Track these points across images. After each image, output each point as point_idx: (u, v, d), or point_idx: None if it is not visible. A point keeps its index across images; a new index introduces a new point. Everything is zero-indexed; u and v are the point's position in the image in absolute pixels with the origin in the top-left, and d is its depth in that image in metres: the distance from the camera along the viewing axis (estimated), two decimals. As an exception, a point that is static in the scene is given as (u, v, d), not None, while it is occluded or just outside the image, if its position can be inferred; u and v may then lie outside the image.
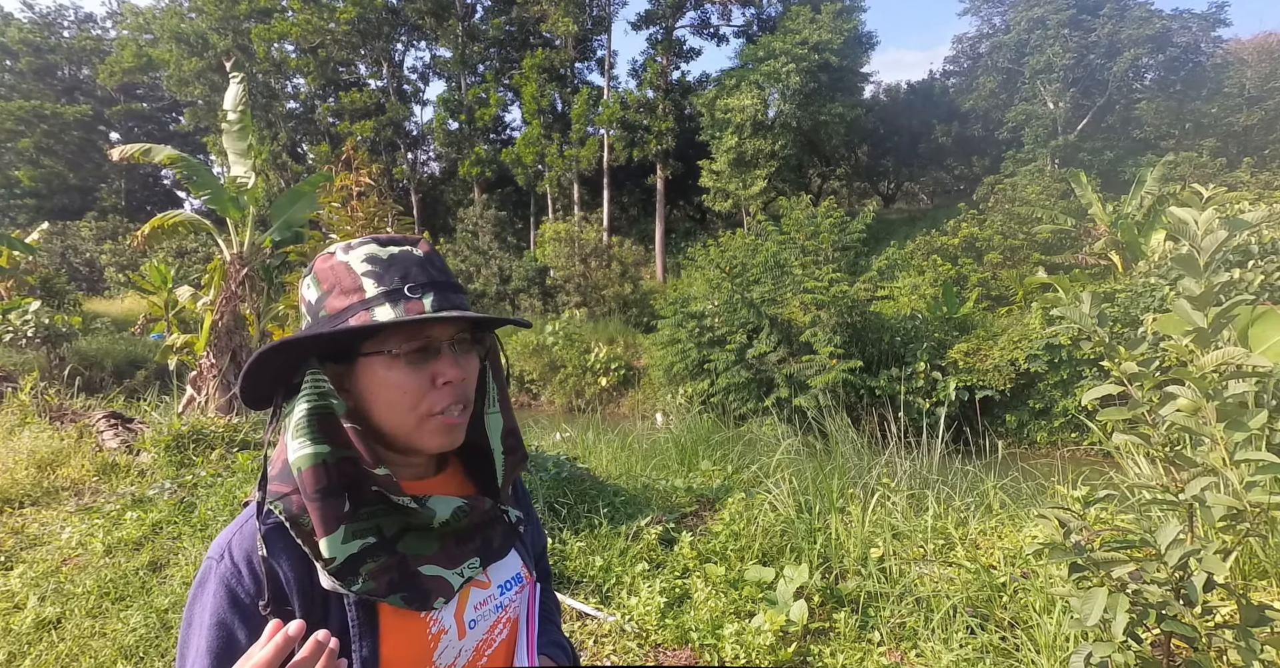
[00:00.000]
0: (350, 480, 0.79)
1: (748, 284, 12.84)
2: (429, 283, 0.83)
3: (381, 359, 0.82)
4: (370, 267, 0.83)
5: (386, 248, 0.85)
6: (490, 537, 0.92)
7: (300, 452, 0.77)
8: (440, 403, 0.83)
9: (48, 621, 3.17)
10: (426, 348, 0.83)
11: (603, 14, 28.61)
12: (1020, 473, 4.36)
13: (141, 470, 5.41)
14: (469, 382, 0.86)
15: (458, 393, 0.84)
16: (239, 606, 0.76)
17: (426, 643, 0.82)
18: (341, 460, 0.79)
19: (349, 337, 0.82)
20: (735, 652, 2.68)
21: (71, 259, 26.71)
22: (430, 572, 0.82)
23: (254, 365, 0.80)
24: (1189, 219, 1.66)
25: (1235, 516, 1.59)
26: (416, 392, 0.82)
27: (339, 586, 0.76)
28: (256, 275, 7.62)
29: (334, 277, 0.83)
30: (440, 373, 0.82)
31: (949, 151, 29.93)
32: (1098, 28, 23.01)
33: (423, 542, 0.84)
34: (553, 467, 4.28)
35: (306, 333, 0.80)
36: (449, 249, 23.95)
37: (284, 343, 0.79)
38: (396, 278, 0.82)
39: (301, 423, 0.78)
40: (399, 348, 0.81)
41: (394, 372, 0.82)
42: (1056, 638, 2.41)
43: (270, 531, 0.78)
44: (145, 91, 39.25)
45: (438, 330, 0.84)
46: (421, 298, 0.81)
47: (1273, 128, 22.98)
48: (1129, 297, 10.18)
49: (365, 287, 0.81)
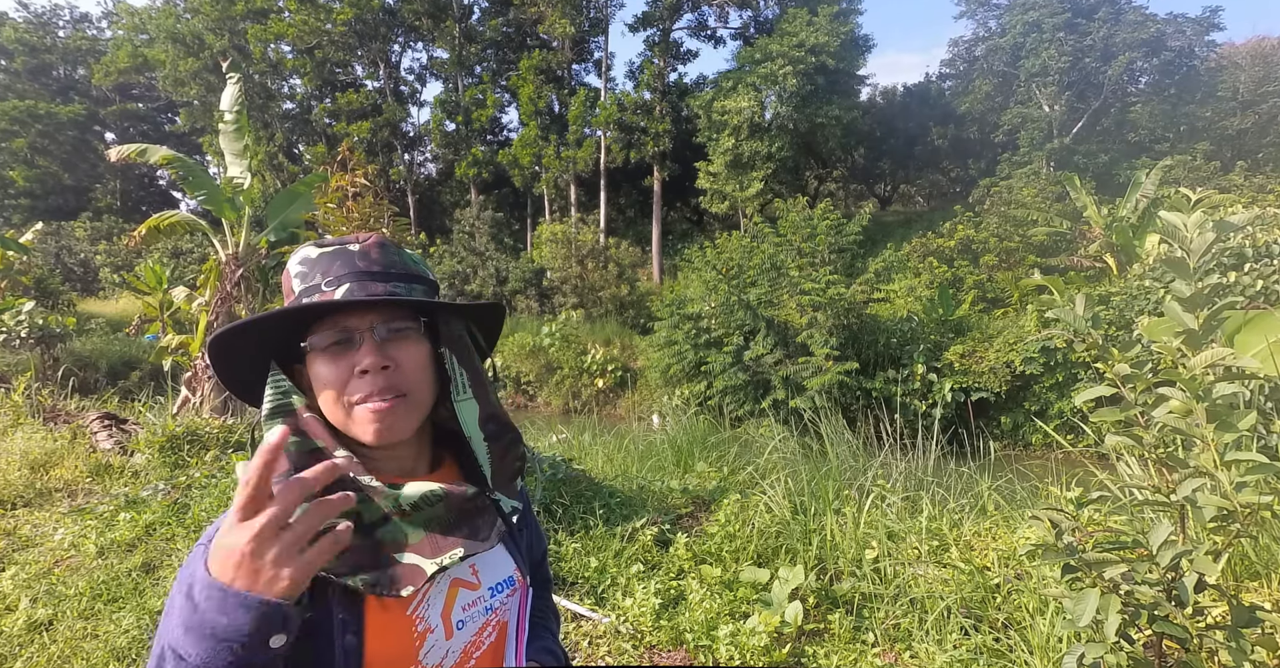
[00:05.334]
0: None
1: (744, 286, 12.84)
2: (350, 274, 0.84)
3: (313, 355, 0.84)
4: (300, 268, 0.86)
5: (323, 248, 0.87)
6: (477, 526, 0.89)
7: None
8: (358, 392, 0.82)
9: (39, 622, 3.15)
10: (346, 339, 0.83)
11: (600, 16, 28.65)
12: (1015, 475, 4.36)
13: (135, 472, 5.39)
14: (400, 370, 0.84)
15: (376, 382, 0.82)
16: None
17: (411, 640, 0.82)
18: (314, 451, 0.81)
19: (291, 336, 0.85)
20: (730, 653, 2.68)
21: (66, 259, 26.54)
22: (406, 560, 0.81)
23: (217, 365, 0.85)
24: (1178, 222, 1.68)
25: (1226, 516, 1.60)
26: (338, 382, 0.82)
27: None
28: (252, 276, 7.60)
29: (285, 282, 0.89)
30: (357, 362, 0.82)
31: (945, 154, 30.08)
32: (1093, 31, 23.14)
33: (406, 530, 0.83)
34: (549, 468, 4.27)
35: (222, 330, 0.84)
36: (445, 250, 23.87)
37: (217, 338, 0.83)
38: (318, 274, 0.84)
39: (266, 419, 0.83)
40: (319, 341, 0.83)
41: (320, 365, 0.83)
42: (1049, 639, 2.42)
43: None
44: (140, 92, 39.13)
45: (354, 320, 0.83)
46: (335, 290, 0.83)
47: (1266, 131, 23.15)
48: (1124, 299, 10.23)
49: (295, 287, 0.86)
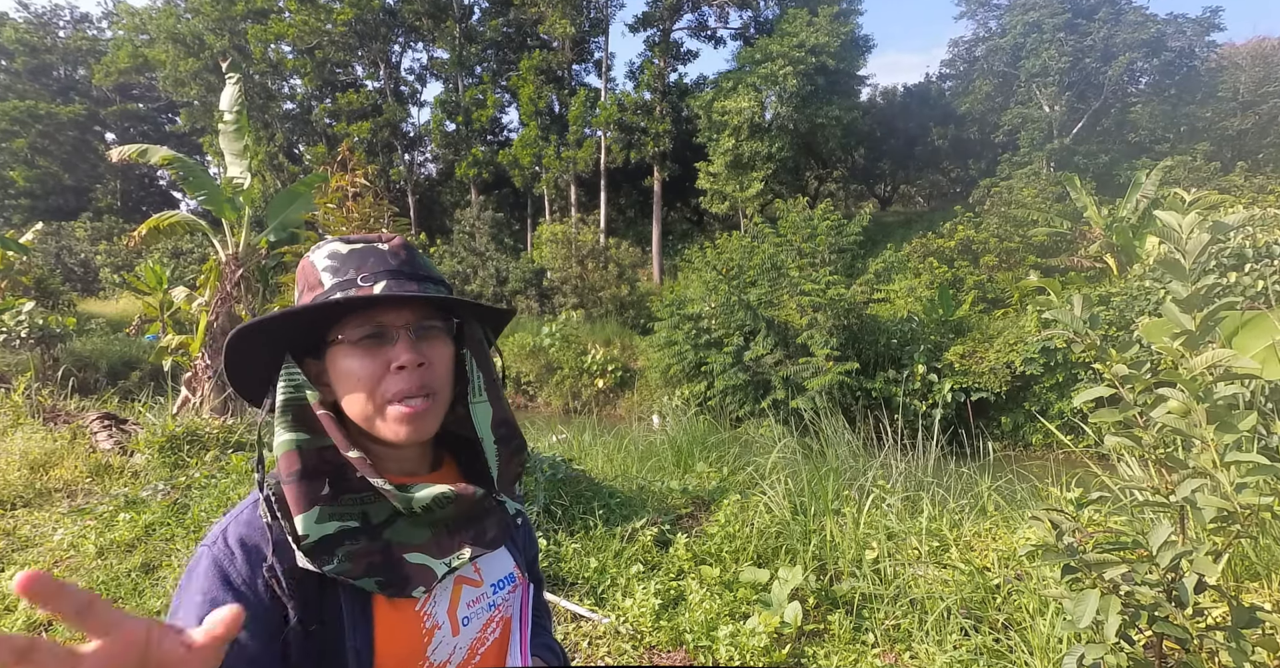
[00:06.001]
0: (334, 468, 0.81)
1: (744, 286, 12.84)
2: (385, 271, 0.83)
3: (341, 348, 0.82)
4: (330, 262, 0.84)
5: (351, 245, 0.86)
6: (484, 528, 0.90)
7: (278, 439, 0.80)
8: (393, 389, 0.81)
9: (38, 623, 3.15)
10: (380, 334, 0.82)
11: (600, 16, 28.63)
12: (1014, 475, 4.37)
13: (135, 472, 5.39)
14: (432, 369, 0.84)
15: (414, 379, 0.81)
16: (230, 585, 0.76)
17: (420, 637, 0.82)
18: (323, 449, 0.81)
19: (310, 326, 0.83)
20: (730, 654, 2.67)
21: (66, 260, 26.52)
22: (415, 560, 0.81)
23: (230, 356, 0.84)
24: (1174, 223, 1.68)
25: (1226, 517, 1.60)
26: (371, 378, 0.81)
27: (311, 564, 0.76)
28: (252, 276, 7.60)
29: (303, 276, 0.87)
30: (394, 358, 0.81)
31: (945, 154, 30.05)
32: (1093, 32, 23.12)
33: (413, 530, 0.83)
34: (549, 468, 4.27)
35: (255, 320, 0.82)
36: (445, 250, 23.87)
37: (245, 328, 0.81)
38: (352, 269, 0.83)
39: (278, 414, 0.81)
40: (351, 335, 0.81)
41: (350, 359, 0.82)
42: (1049, 640, 2.42)
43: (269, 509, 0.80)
44: (141, 92, 39.12)
45: (391, 316, 0.82)
46: (373, 285, 0.81)
47: (1266, 132, 23.13)
48: (1124, 300, 10.23)
49: (324, 281, 0.83)
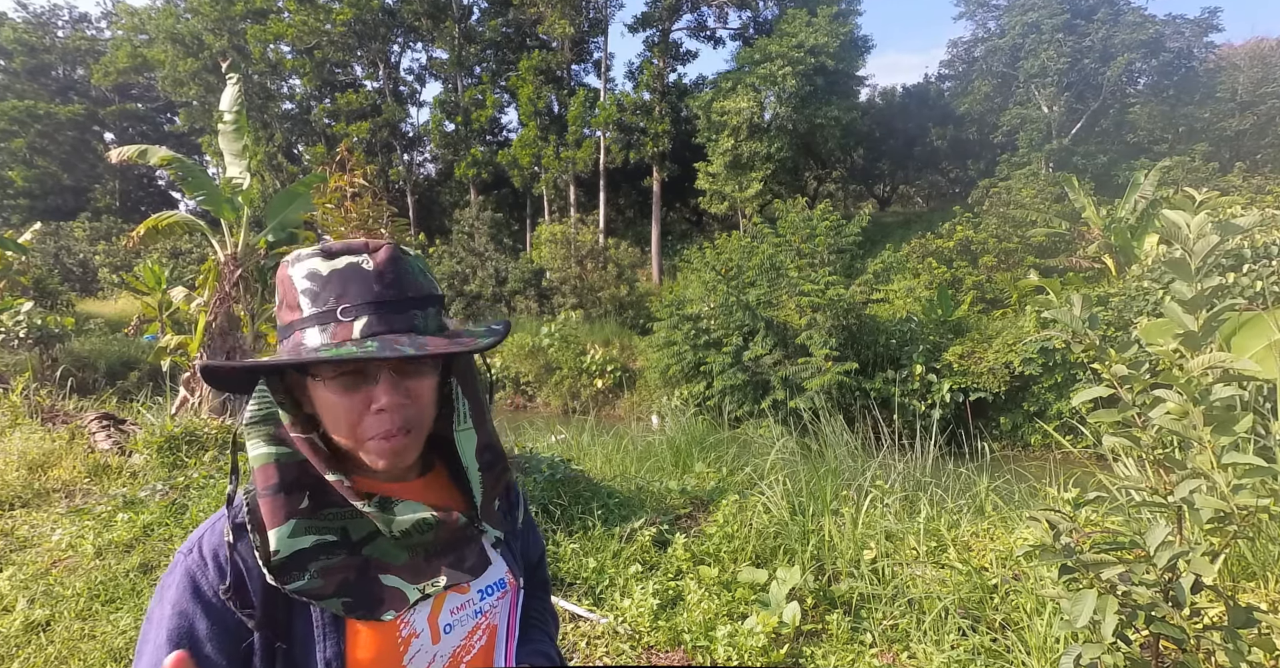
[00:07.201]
0: (315, 481, 0.80)
1: (744, 286, 12.84)
2: (366, 303, 0.78)
3: (320, 382, 0.79)
4: (308, 284, 0.80)
5: (331, 261, 0.80)
6: (463, 555, 0.88)
7: (254, 451, 0.80)
8: (374, 429, 0.79)
9: (36, 623, 3.15)
10: (360, 372, 0.79)
11: (599, 16, 28.63)
12: (1013, 475, 4.37)
13: (133, 472, 5.38)
14: (413, 406, 0.81)
15: (395, 420, 0.79)
16: (201, 597, 0.76)
17: (396, 646, 0.80)
18: (304, 462, 0.80)
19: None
20: (728, 654, 2.67)
21: (65, 260, 26.51)
22: (390, 582, 0.80)
23: (207, 380, 0.84)
24: (1181, 223, 1.67)
25: (1223, 518, 1.60)
26: (350, 416, 0.79)
27: (276, 582, 0.75)
28: (251, 276, 7.59)
29: (282, 288, 0.83)
30: (374, 399, 0.78)
31: (944, 155, 30.08)
32: (1091, 32, 23.15)
33: (393, 549, 0.82)
34: (547, 468, 4.27)
35: (226, 367, 0.81)
36: (445, 250, 23.87)
37: (215, 368, 0.81)
38: (332, 298, 0.78)
39: (252, 428, 0.81)
40: (330, 373, 0.78)
41: (330, 395, 0.79)
42: (1047, 640, 2.42)
43: (238, 525, 0.79)
44: (140, 92, 39.08)
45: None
46: (354, 321, 0.77)
47: (1265, 132, 23.16)
48: (1122, 300, 10.24)
49: (302, 306, 0.79)
